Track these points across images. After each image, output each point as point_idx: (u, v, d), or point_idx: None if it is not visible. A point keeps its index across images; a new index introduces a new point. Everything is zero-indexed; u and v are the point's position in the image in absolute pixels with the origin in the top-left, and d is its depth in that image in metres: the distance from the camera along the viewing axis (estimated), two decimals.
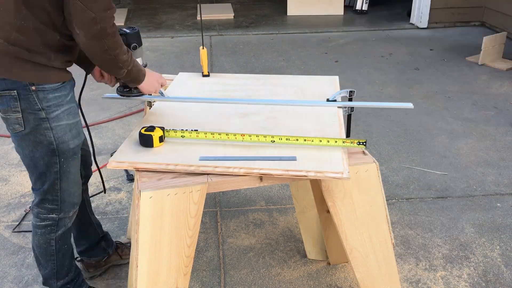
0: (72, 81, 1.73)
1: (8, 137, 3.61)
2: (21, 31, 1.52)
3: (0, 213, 2.79)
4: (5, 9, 1.51)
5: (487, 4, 6.15)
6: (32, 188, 1.83)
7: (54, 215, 1.84)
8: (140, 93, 1.91)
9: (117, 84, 1.97)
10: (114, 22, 1.57)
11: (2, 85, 1.59)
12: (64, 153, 1.72)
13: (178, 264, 1.63)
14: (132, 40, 1.85)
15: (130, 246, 2.35)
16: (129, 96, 1.92)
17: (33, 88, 1.59)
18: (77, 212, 1.93)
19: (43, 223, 1.86)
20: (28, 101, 1.61)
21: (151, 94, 1.96)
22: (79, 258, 2.30)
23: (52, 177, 1.75)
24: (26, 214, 2.75)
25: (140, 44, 1.90)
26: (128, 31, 1.85)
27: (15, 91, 1.59)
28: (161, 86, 1.95)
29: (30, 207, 2.78)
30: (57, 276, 1.98)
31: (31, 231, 2.61)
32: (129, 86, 1.88)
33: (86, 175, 2.05)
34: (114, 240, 2.38)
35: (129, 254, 2.32)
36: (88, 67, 1.88)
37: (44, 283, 2.02)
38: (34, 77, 1.58)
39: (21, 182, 3.07)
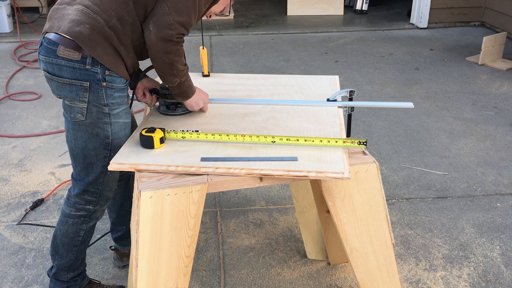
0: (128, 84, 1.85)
1: (8, 136, 3.61)
2: (121, 21, 1.66)
3: (0, 213, 2.79)
4: None
5: (487, 4, 6.15)
6: (74, 179, 1.88)
7: (90, 207, 1.90)
8: (184, 112, 1.99)
9: (157, 104, 2.03)
10: (183, 39, 1.71)
11: (76, 74, 1.66)
12: (115, 148, 1.78)
13: (178, 264, 1.63)
14: None
15: None
16: (171, 115, 1.98)
17: (104, 84, 1.69)
18: (106, 207, 2.00)
19: (78, 213, 1.91)
20: (97, 95, 1.70)
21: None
22: (113, 247, 2.35)
23: (99, 170, 1.81)
24: (26, 214, 2.75)
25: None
26: None
27: (87, 83, 1.68)
28: (204, 103, 2.00)
29: (30, 207, 2.79)
30: (69, 268, 2.02)
31: (34, 224, 2.64)
32: (176, 100, 1.93)
33: None
34: None
35: None
36: (134, 81, 1.95)
37: (54, 275, 2.03)
38: (109, 63, 1.67)
39: (21, 182, 3.07)
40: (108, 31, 1.65)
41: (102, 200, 1.91)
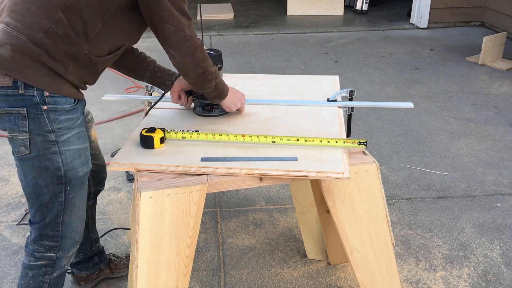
0: (83, 102, 1.64)
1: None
2: (48, 34, 1.43)
3: (0, 213, 2.79)
4: (39, 9, 1.42)
5: (487, 4, 6.15)
6: (31, 222, 1.66)
7: (52, 254, 1.66)
8: (221, 113, 1.97)
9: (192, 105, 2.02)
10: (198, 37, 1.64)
11: (11, 102, 1.47)
12: (71, 181, 1.59)
13: (178, 264, 1.63)
14: (217, 62, 1.90)
15: (125, 261, 2.31)
16: (207, 116, 1.97)
17: (45, 107, 1.48)
18: (75, 253, 1.76)
19: (38, 262, 1.67)
20: (38, 122, 1.49)
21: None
22: (69, 271, 2.21)
23: (56, 209, 1.60)
24: (26, 214, 2.75)
25: (222, 65, 1.94)
26: (212, 53, 1.90)
27: (24, 109, 1.47)
28: (241, 104, 1.95)
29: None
30: None
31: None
32: (213, 102, 1.91)
33: (95, 190, 2.01)
34: (108, 253, 2.33)
35: (121, 269, 2.28)
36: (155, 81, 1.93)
37: None
38: (44, 84, 1.47)
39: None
40: (34, 48, 1.42)
41: (65, 244, 1.66)
